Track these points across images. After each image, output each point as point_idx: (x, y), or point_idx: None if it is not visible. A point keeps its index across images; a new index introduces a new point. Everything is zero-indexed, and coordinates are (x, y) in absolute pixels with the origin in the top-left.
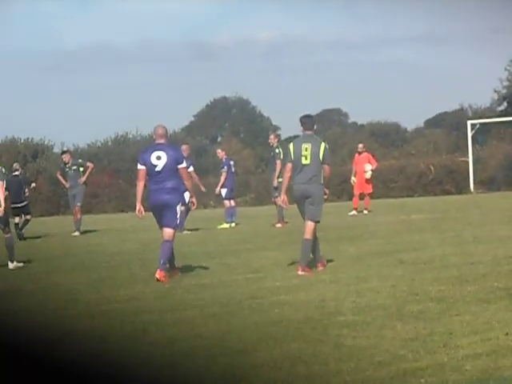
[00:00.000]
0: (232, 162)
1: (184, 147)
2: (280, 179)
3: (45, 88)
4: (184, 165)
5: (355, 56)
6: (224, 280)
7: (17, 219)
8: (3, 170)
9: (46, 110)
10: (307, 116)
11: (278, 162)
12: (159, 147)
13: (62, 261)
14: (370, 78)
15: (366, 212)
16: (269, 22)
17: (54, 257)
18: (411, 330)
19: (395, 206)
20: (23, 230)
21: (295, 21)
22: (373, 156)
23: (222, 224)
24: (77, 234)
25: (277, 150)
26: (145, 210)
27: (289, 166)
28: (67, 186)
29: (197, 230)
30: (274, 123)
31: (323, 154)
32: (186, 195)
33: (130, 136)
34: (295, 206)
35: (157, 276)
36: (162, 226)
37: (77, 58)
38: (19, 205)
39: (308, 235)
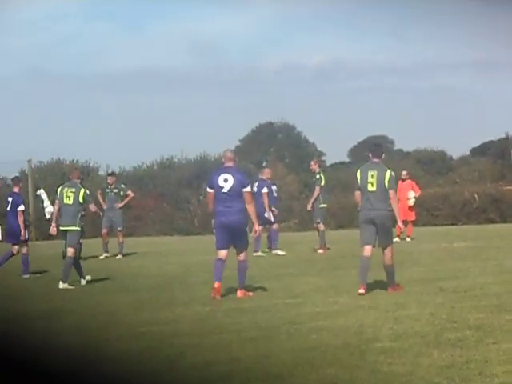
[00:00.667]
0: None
1: (266, 171)
2: (322, 205)
3: (92, 110)
4: (248, 189)
5: (404, 82)
6: (263, 304)
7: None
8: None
9: (92, 132)
10: (377, 145)
11: (317, 187)
12: (227, 170)
13: (104, 282)
14: (417, 105)
15: (408, 239)
16: (320, 46)
17: (96, 278)
18: (448, 357)
19: (439, 234)
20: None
21: (346, 45)
22: (416, 183)
23: (263, 249)
24: (120, 257)
25: (317, 176)
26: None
27: (357, 193)
28: (104, 207)
29: None
30: (319, 149)
31: (388, 181)
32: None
33: (176, 160)
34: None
35: (238, 295)
36: (223, 247)
37: (123, 80)
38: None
39: (388, 262)
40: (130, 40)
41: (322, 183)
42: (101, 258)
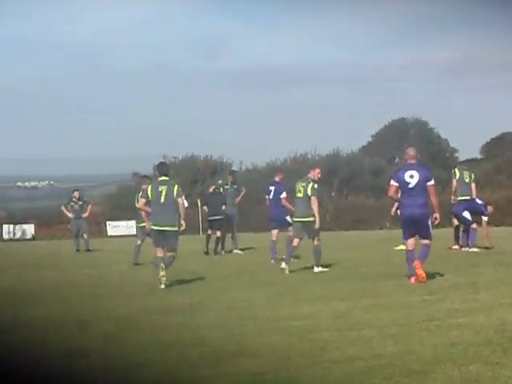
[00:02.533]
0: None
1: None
2: (458, 197)
3: (226, 106)
4: (432, 182)
5: None
6: (402, 301)
7: (210, 231)
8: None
9: (225, 129)
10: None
11: (454, 181)
12: (412, 167)
13: (241, 277)
14: None
15: None
16: (447, 42)
17: (232, 273)
18: None
19: None
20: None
21: (475, 42)
22: None
23: (398, 245)
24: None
25: (452, 171)
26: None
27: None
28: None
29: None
30: (451, 145)
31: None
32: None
33: (309, 156)
34: None
35: (416, 268)
36: (411, 237)
37: (255, 76)
38: (216, 217)
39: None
40: (261, 37)
41: (456, 177)
42: (235, 252)
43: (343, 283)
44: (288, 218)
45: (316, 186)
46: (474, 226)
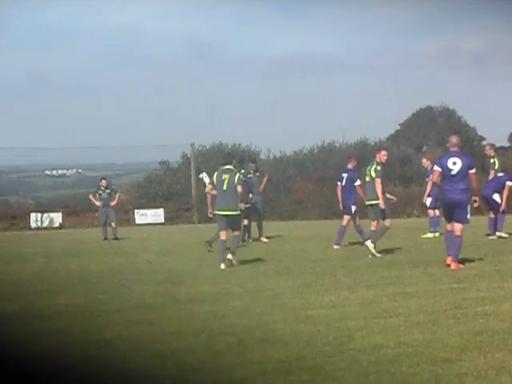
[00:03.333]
0: None
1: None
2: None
3: (255, 94)
4: (474, 170)
5: None
6: (428, 289)
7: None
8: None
9: (253, 117)
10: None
11: (492, 171)
12: (454, 154)
13: (268, 265)
14: None
15: None
16: (475, 31)
17: (259, 261)
18: None
19: None
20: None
21: (501, 30)
22: None
23: (426, 233)
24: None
25: (491, 160)
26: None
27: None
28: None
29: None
30: (479, 133)
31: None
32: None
33: (337, 144)
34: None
35: (448, 263)
36: (451, 220)
37: (283, 65)
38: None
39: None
40: (288, 25)
41: (496, 167)
42: (261, 240)
43: (370, 271)
44: (353, 207)
45: (379, 167)
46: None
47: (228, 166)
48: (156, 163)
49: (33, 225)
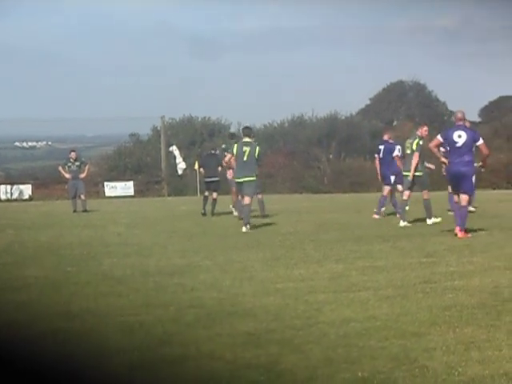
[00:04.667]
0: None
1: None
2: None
3: (223, 67)
4: (481, 141)
5: None
6: (398, 263)
7: (207, 193)
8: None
9: (223, 89)
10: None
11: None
12: (460, 128)
13: (237, 238)
14: None
15: None
16: (447, 8)
17: (228, 234)
18: None
19: None
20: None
21: (474, 7)
22: None
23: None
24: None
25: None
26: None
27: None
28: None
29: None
30: (449, 108)
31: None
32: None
33: (307, 118)
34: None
35: (456, 233)
36: (458, 191)
37: (255, 38)
38: (213, 179)
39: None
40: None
41: None
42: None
43: (339, 245)
44: (392, 177)
45: (421, 142)
46: None
47: (247, 139)
48: (126, 136)
49: (2, 196)
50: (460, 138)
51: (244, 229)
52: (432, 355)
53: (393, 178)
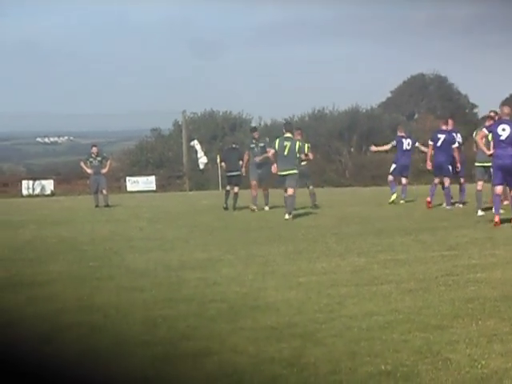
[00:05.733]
0: (408, 140)
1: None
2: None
3: (244, 61)
4: None
5: None
6: (419, 256)
7: (228, 187)
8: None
9: (245, 84)
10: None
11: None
12: (505, 122)
13: (259, 232)
14: None
15: None
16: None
17: (250, 228)
18: None
19: None
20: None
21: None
22: None
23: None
24: (266, 208)
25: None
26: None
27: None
28: (255, 160)
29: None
30: (471, 101)
31: None
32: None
33: (327, 111)
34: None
35: (496, 221)
36: (499, 183)
37: (276, 31)
38: (234, 173)
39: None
40: None
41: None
42: (253, 208)
43: (361, 239)
44: (450, 168)
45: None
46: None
47: (288, 134)
48: (147, 131)
49: (24, 192)
50: (504, 131)
51: (287, 216)
52: (455, 348)
53: (451, 168)
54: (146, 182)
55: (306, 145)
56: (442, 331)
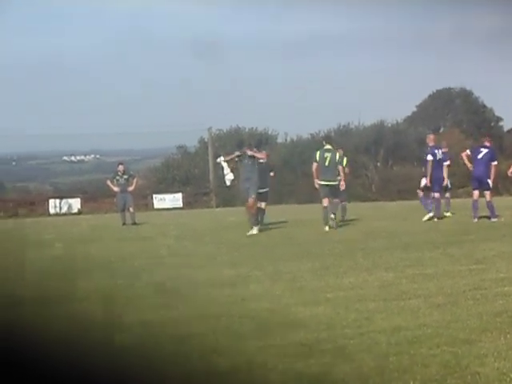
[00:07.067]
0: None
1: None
2: None
3: (268, 77)
4: None
5: None
6: (447, 270)
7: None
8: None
9: (269, 100)
10: None
11: None
12: None
13: (285, 248)
14: None
15: None
16: (490, 8)
17: (277, 244)
18: None
19: None
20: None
21: None
22: None
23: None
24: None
25: None
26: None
27: None
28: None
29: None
30: (496, 114)
31: None
32: None
33: (353, 126)
34: None
35: None
36: None
37: (300, 45)
38: (261, 190)
39: None
40: (300, 5)
41: None
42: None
43: (388, 253)
44: (489, 181)
45: None
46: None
47: (328, 146)
48: (173, 148)
49: (51, 211)
50: None
51: (326, 228)
52: (483, 362)
53: (490, 182)
54: (173, 200)
55: (345, 158)
56: (470, 345)
